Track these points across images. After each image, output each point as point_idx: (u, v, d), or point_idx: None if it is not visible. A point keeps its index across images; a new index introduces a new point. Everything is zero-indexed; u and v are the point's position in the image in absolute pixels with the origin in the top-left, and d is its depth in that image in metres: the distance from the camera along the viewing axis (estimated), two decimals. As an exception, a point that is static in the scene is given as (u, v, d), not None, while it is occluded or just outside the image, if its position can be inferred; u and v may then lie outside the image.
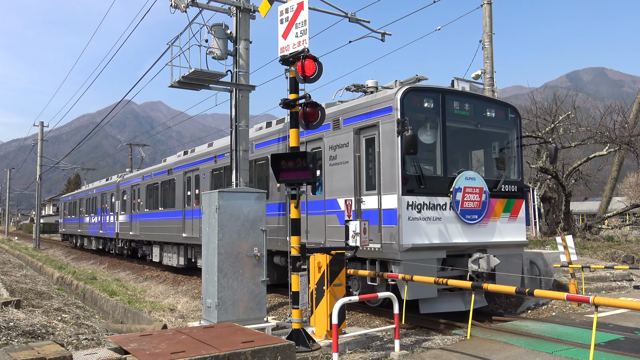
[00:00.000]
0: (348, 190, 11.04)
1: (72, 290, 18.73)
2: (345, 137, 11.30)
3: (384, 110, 10.36)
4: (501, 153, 11.80)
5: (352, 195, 10.88)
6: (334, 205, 11.44)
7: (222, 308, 8.70)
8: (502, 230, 11.22)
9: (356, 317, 11.19)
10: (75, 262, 30.96)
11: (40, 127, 45.23)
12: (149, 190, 23.86)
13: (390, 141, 10.11)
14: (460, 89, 11.15)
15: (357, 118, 11.06)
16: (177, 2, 11.47)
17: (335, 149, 11.54)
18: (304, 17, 7.72)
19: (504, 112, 11.80)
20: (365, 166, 10.88)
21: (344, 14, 13.76)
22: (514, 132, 11.93)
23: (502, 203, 11.32)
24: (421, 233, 10.01)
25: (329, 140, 11.79)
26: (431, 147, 10.74)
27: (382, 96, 10.58)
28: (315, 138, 12.29)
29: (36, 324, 9.52)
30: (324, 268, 8.44)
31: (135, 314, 12.46)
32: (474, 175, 10.84)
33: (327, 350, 7.71)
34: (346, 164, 11.18)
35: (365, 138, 10.90)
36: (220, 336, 6.43)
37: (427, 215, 10.13)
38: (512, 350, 7.55)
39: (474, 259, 10.38)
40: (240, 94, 12.03)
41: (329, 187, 11.67)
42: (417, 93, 10.43)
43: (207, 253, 9.20)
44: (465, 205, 10.54)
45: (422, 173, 10.22)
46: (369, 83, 11.92)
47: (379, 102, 10.54)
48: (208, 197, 9.22)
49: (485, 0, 15.93)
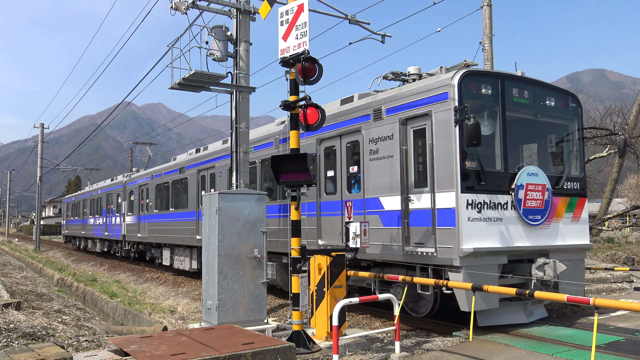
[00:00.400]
0: (392, 187, 10.05)
1: (73, 292, 18.72)
2: (389, 129, 10.23)
3: (437, 98, 9.31)
4: (562, 146, 10.79)
5: (398, 194, 9.89)
6: (376, 205, 10.47)
7: (223, 310, 8.69)
8: (565, 233, 10.20)
9: (356, 318, 11.18)
10: (75, 263, 30.94)
11: (40, 129, 45.24)
12: (159, 190, 22.77)
13: (445, 132, 9.08)
14: (520, 74, 10.19)
15: (403, 107, 9.99)
16: (178, 4, 11.48)
17: (377, 141, 10.51)
18: (304, 19, 7.73)
19: (564, 101, 10.75)
20: (413, 161, 9.85)
21: (344, 16, 13.77)
22: (575, 123, 10.85)
23: (564, 202, 10.29)
24: (482, 236, 8.96)
25: (369, 133, 10.74)
26: (489, 139, 9.61)
27: (434, 82, 9.52)
28: (352, 130, 11.28)
29: (36, 325, 9.52)
30: (324, 270, 8.44)
31: (136, 315, 12.46)
32: (536, 170, 9.78)
33: (328, 352, 7.71)
34: (390, 158, 10.15)
35: (414, 129, 9.86)
36: (220, 338, 6.43)
37: (487, 216, 9.11)
38: (513, 352, 7.55)
39: (538, 265, 9.32)
40: (241, 95, 12.04)
41: (370, 185, 10.63)
42: (476, 78, 9.42)
43: (207, 255, 9.20)
44: (527, 205, 9.53)
45: (482, 168, 9.19)
46: (411, 70, 10.92)
47: (431, 89, 9.46)
48: (208, 199, 9.22)
49: (485, 2, 15.94)
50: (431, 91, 9.46)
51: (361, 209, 10.84)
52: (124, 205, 27.53)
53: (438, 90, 9.32)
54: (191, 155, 19.89)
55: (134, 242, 26.30)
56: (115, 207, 29.44)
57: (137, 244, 26.13)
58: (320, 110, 7.78)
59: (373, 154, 10.61)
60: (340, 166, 11.57)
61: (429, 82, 9.63)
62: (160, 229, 22.13)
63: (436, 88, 9.38)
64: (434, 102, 9.37)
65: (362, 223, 8.61)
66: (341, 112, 11.60)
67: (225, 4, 12.11)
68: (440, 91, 9.26)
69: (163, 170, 22.43)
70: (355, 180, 11.22)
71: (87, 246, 38.04)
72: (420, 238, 9.44)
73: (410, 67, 10.96)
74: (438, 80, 9.44)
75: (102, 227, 32.07)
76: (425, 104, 9.53)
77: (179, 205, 20.35)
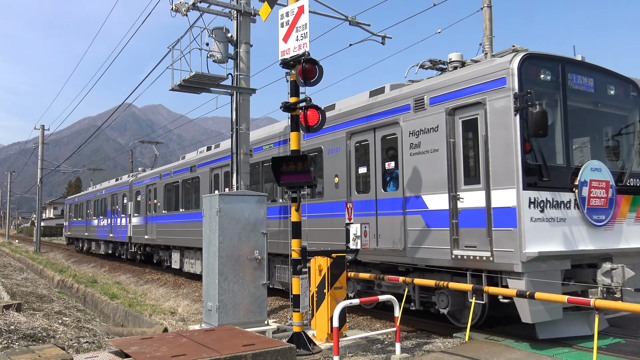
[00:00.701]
0: (438, 185, 9.19)
1: (73, 293, 18.73)
2: (433, 120, 9.34)
3: (492, 84, 8.44)
4: (623, 139, 9.86)
5: (444, 191, 9.04)
6: (418, 204, 9.57)
7: (223, 311, 8.69)
8: (629, 235, 9.24)
9: (357, 320, 11.18)
10: (76, 265, 30.95)
11: (41, 131, 45.30)
12: (168, 189, 21.71)
13: (502, 122, 8.20)
14: (580, 59, 9.32)
15: (450, 96, 9.10)
16: (178, 6, 11.51)
17: (419, 134, 9.62)
18: (305, 20, 7.74)
19: (625, 89, 9.86)
20: (463, 155, 8.94)
21: (345, 18, 13.79)
22: (636, 113, 9.96)
23: (627, 200, 9.35)
24: (546, 238, 8.06)
25: (409, 125, 9.82)
26: (550, 130, 8.50)
27: (488, 67, 8.61)
28: (388, 123, 10.34)
29: (37, 327, 9.52)
30: (324, 271, 8.44)
31: (136, 317, 12.46)
32: (599, 165, 8.86)
33: (328, 353, 7.71)
34: (435, 152, 9.29)
35: (463, 120, 8.96)
36: (221, 339, 6.43)
37: (550, 216, 8.19)
38: (513, 353, 7.55)
39: (605, 271, 8.35)
40: (241, 97, 12.05)
41: (410, 182, 9.77)
42: (537, 62, 8.51)
43: (207, 256, 9.20)
44: (591, 203, 8.64)
45: (545, 162, 8.23)
46: (452, 56, 10.11)
47: (484, 74, 8.59)
48: (209, 200, 9.23)
49: (485, 3, 15.95)
50: (484, 77, 8.59)
51: (399, 209, 9.98)
52: (130, 205, 26.69)
53: (493, 75, 8.45)
54: (202, 153, 18.98)
55: (141, 244, 25.40)
56: (120, 208, 28.61)
57: (144, 246, 25.20)
58: (321, 111, 7.79)
59: (414, 148, 9.73)
60: (374, 162, 10.73)
61: (482, 68, 8.73)
62: (170, 230, 21.20)
63: (491, 74, 8.49)
64: (488, 89, 8.50)
65: (363, 224, 8.60)
66: (375, 103, 10.77)
67: (226, 5, 12.13)
68: (496, 77, 8.39)
69: (172, 169, 21.51)
70: (392, 177, 10.44)
71: (90, 248, 37.21)
72: (471, 240, 8.56)
73: (451, 54, 10.17)
74: (493, 65, 8.53)
75: (107, 228, 31.28)
76: (477, 92, 8.64)
77: (190, 205, 19.48)
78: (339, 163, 11.58)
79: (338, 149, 11.66)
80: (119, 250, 29.87)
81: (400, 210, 9.97)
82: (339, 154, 11.62)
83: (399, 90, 10.34)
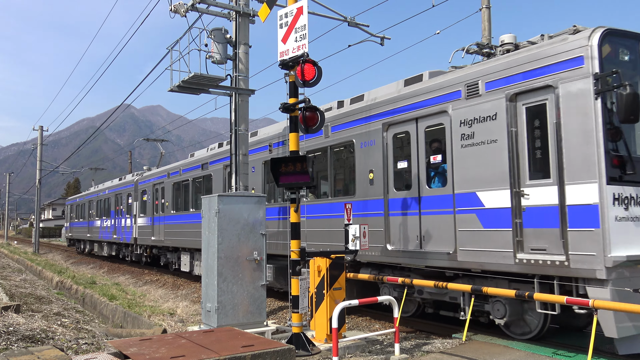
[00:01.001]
0: (496, 180, 8.23)
1: (72, 294, 18.72)
2: (490, 107, 8.40)
3: (565, 64, 7.51)
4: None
5: (504, 187, 8.11)
6: (471, 201, 8.63)
7: (222, 312, 8.69)
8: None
9: (356, 320, 11.18)
10: (74, 266, 30.92)
11: (39, 131, 45.29)
12: (177, 188, 20.71)
13: (580, 107, 7.28)
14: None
15: (511, 80, 8.18)
16: (177, 7, 11.51)
17: (472, 123, 8.70)
18: (304, 21, 7.75)
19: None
20: (528, 145, 7.98)
21: (343, 18, 13.80)
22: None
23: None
24: (632, 240, 7.19)
25: (460, 113, 8.87)
26: None
27: (559, 45, 7.69)
28: (434, 112, 9.40)
29: (36, 328, 9.51)
30: (323, 272, 8.45)
31: (135, 318, 12.45)
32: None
33: (327, 354, 7.71)
34: (492, 144, 8.34)
35: (527, 106, 8.00)
36: (220, 340, 6.43)
37: (635, 214, 7.29)
38: (512, 354, 7.55)
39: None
40: (240, 98, 12.05)
41: (462, 177, 8.83)
42: (617, 39, 7.56)
43: (206, 257, 9.20)
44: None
45: (629, 152, 7.30)
46: (505, 38, 9.26)
47: (555, 54, 7.65)
48: (208, 201, 9.24)
49: (484, 4, 15.96)
50: (555, 57, 7.64)
51: (448, 207, 9.06)
52: (136, 205, 25.59)
53: (566, 55, 7.50)
54: (214, 150, 18.15)
55: (147, 246, 24.29)
56: (125, 208, 27.50)
57: (150, 247, 24.05)
58: (320, 112, 7.80)
59: (466, 139, 8.80)
60: (417, 155, 9.80)
61: (551, 47, 7.80)
62: (179, 231, 20.12)
63: (563, 53, 7.55)
64: (559, 70, 7.58)
65: (362, 225, 8.60)
66: (417, 90, 9.84)
67: (225, 6, 12.14)
68: (571, 56, 7.45)
69: (181, 167, 20.49)
70: (437, 172, 9.59)
71: (92, 250, 35.98)
72: (539, 243, 7.65)
73: (503, 36, 9.38)
74: (566, 43, 7.60)
75: (110, 229, 30.15)
76: (546, 74, 7.73)
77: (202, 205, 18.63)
78: (373, 157, 10.66)
79: (372, 142, 10.73)
80: (122, 252, 28.92)
81: (449, 209, 9.03)
82: (373, 148, 10.69)
83: (442, 76, 9.52)
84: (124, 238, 27.42)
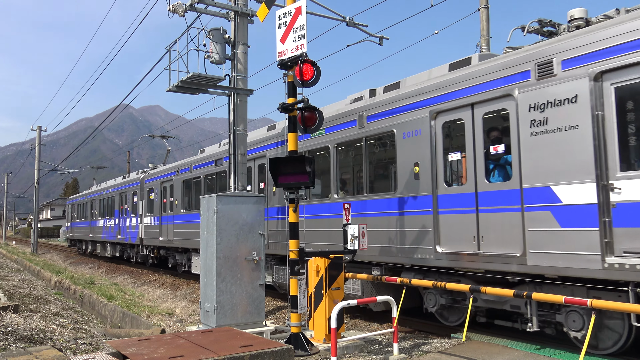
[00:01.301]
0: (577, 171, 7.23)
1: (70, 294, 18.70)
2: (568, 88, 7.41)
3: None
4: None
5: (588, 180, 7.11)
6: (545, 197, 7.61)
7: (221, 312, 8.69)
8: None
9: (355, 320, 11.18)
10: (73, 266, 30.89)
11: (38, 132, 45.24)
12: (187, 186, 19.68)
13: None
14: None
15: (595, 56, 7.14)
16: (176, 7, 11.50)
17: (544, 108, 7.71)
18: (302, 21, 7.75)
19: None
20: (618, 132, 6.97)
21: (342, 18, 13.80)
22: None
23: None
24: None
25: (530, 96, 7.83)
26: None
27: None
28: (495, 96, 8.32)
29: (34, 328, 9.51)
30: (322, 272, 8.45)
31: (134, 318, 12.44)
32: None
33: (326, 354, 7.71)
34: (572, 130, 7.35)
35: (617, 86, 6.98)
36: (218, 340, 6.43)
37: None
38: (511, 354, 7.56)
39: None
40: (239, 98, 12.05)
41: (532, 169, 7.78)
42: None
43: (205, 257, 9.20)
44: None
45: None
46: (575, 13, 8.32)
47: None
48: (206, 201, 9.24)
49: (482, 4, 15.98)
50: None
51: (514, 204, 8.00)
52: (142, 204, 24.52)
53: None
54: (226, 145, 17.15)
55: (154, 247, 23.18)
56: (130, 208, 26.32)
57: (157, 248, 22.94)
58: (318, 112, 7.81)
59: (537, 126, 7.79)
60: (473, 146, 8.76)
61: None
62: (189, 231, 18.94)
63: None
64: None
65: (360, 225, 8.60)
66: (473, 73, 8.82)
67: (223, 6, 12.13)
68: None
69: (192, 163, 19.50)
70: (498, 164, 8.68)
71: (95, 250, 34.80)
72: (636, 244, 6.73)
73: (573, 10, 8.40)
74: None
75: (114, 229, 28.97)
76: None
77: None
78: (419, 149, 9.64)
79: (418, 132, 9.69)
80: (127, 253, 27.83)
81: (516, 206, 7.99)
82: (419, 138, 9.67)
83: (504, 56, 8.53)
84: (129, 238, 26.47)
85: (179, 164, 21.31)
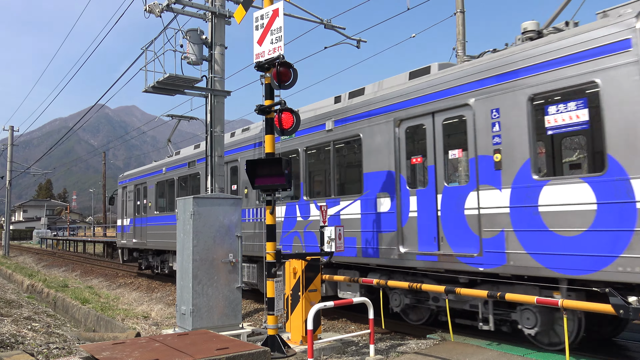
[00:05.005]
0: None
1: (43, 298, 18.35)
2: None
3: None
4: None
5: None
6: None
7: (197, 315, 8.63)
8: None
9: (332, 322, 11.21)
10: (46, 269, 30.32)
11: (10, 132, 44.33)
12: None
13: None
14: None
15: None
16: (152, 7, 11.40)
17: None
18: (279, 23, 7.75)
19: None
20: None
21: (320, 21, 13.84)
22: None
23: None
24: None
25: None
26: None
27: None
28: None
29: (5, 333, 9.31)
30: (299, 274, 8.45)
31: (108, 322, 12.26)
32: None
33: (302, 355, 7.72)
34: None
35: None
36: (194, 343, 6.38)
37: None
38: (485, 354, 7.66)
39: None
40: (216, 99, 11.99)
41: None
42: None
43: (181, 259, 9.13)
44: None
45: None
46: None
47: None
48: (183, 203, 9.16)
49: (458, 8, 16.17)
50: None
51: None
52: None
53: None
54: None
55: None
56: None
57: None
58: (295, 114, 7.81)
59: None
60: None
61: None
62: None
63: None
64: None
65: (337, 227, 8.63)
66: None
67: (200, 7, 12.08)
68: None
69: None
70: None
71: None
72: None
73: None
74: None
75: None
76: None
77: None
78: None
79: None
80: None
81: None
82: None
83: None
84: None
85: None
